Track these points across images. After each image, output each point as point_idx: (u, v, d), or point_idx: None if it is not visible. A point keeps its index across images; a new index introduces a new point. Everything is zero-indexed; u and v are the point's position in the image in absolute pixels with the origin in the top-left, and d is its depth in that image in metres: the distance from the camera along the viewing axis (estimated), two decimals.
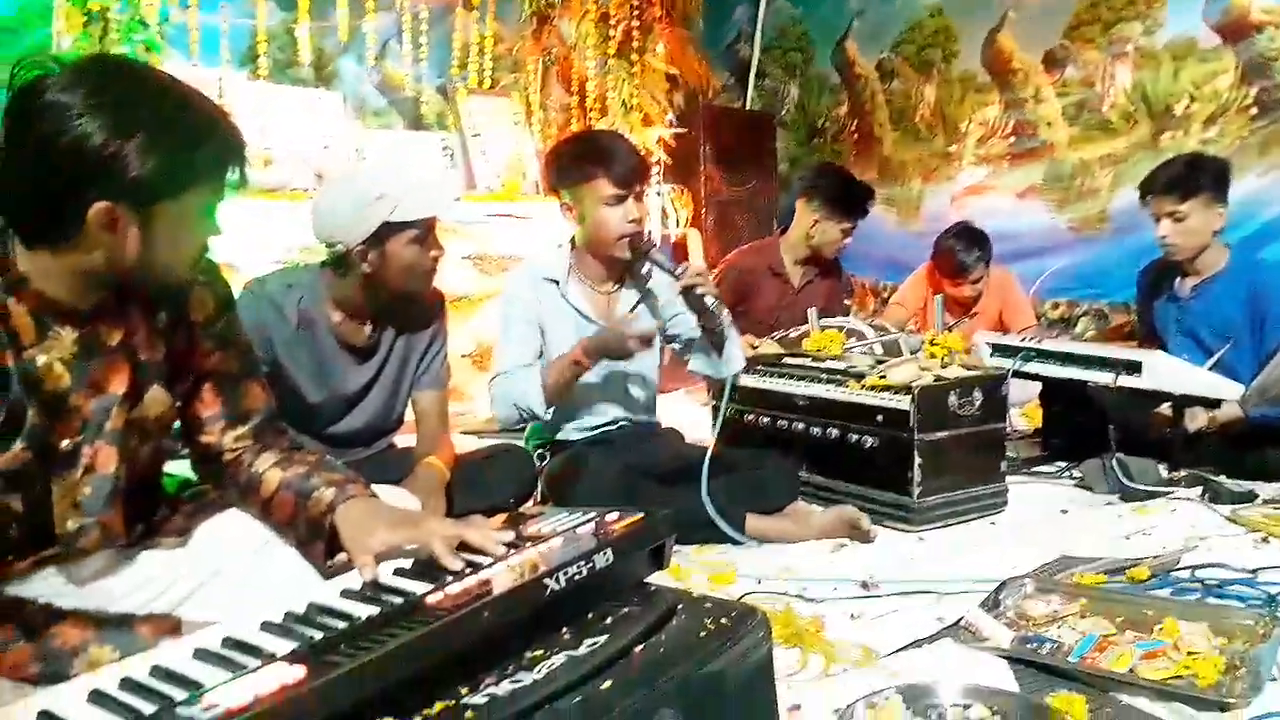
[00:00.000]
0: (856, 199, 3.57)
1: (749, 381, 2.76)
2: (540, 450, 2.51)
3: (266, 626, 1.03)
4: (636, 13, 4.51)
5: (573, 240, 2.51)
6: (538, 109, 4.77)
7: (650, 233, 2.48)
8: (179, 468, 1.64)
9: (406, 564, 1.24)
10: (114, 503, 1.38)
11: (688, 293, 2.35)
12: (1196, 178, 2.91)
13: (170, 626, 1.35)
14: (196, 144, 1.24)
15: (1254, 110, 4.29)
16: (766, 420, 2.73)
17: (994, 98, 5.30)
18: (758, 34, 6.41)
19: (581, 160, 2.39)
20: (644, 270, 2.53)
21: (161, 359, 1.43)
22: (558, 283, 2.46)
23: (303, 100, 4.04)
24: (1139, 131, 4.70)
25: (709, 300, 2.33)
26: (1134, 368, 2.68)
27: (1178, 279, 3.07)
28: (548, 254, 2.58)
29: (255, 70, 3.99)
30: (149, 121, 1.19)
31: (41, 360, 1.28)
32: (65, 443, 1.32)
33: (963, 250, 3.79)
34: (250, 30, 3.97)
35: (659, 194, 4.65)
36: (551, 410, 2.37)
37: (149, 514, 1.51)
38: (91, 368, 1.33)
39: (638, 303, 2.55)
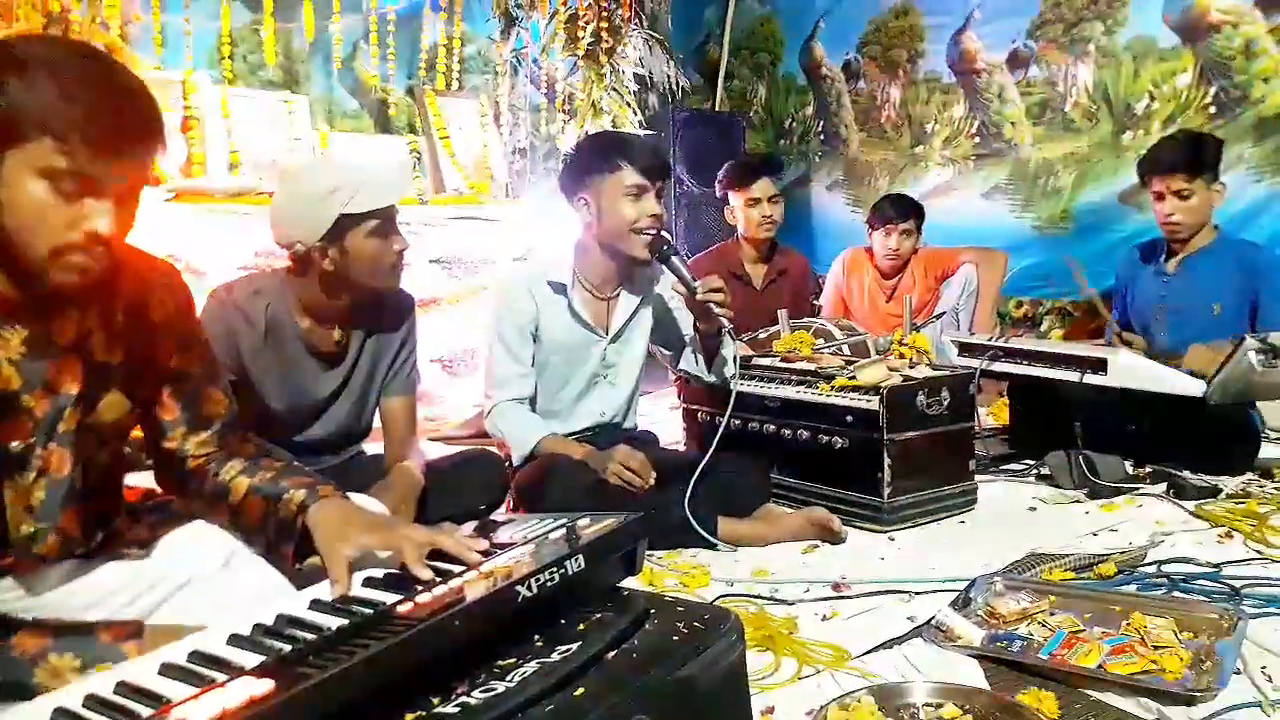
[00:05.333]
0: (750, 167, 3.62)
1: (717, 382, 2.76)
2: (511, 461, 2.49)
3: (234, 640, 1.02)
4: (605, 14, 4.51)
5: (575, 245, 2.50)
6: (506, 111, 4.75)
7: (670, 237, 2.46)
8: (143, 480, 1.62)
9: (378, 573, 1.24)
10: (70, 508, 1.36)
11: (701, 306, 2.35)
12: (1201, 155, 2.97)
13: (132, 631, 1.32)
14: (64, 90, 1.17)
15: (1213, 109, 4.37)
16: (737, 422, 2.73)
17: (959, 98, 5.35)
18: (726, 35, 6.43)
19: (607, 151, 2.40)
20: (658, 274, 2.52)
21: (119, 362, 1.40)
22: (561, 287, 2.45)
23: (270, 103, 4.00)
24: (1101, 130, 4.77)
25: (723, 316, 2.34)
26: (1100, 366, 2.71)
27: (1162, 258, 3.12)
28: (548, 256, 2.57)
29: (222, 73, 3.95)
30: (25, 64, 1.16)
31: None
32: (16, 444, 1.30)
33: (889, 203, 3.99)
34: (216, 32, 3.92)
35: None
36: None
37: (109, 522, 1.48)
38: (43, 368, 1.31)
39: (636, 310, 2.54)
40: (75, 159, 1.17)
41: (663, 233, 2.39)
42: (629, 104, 4.62)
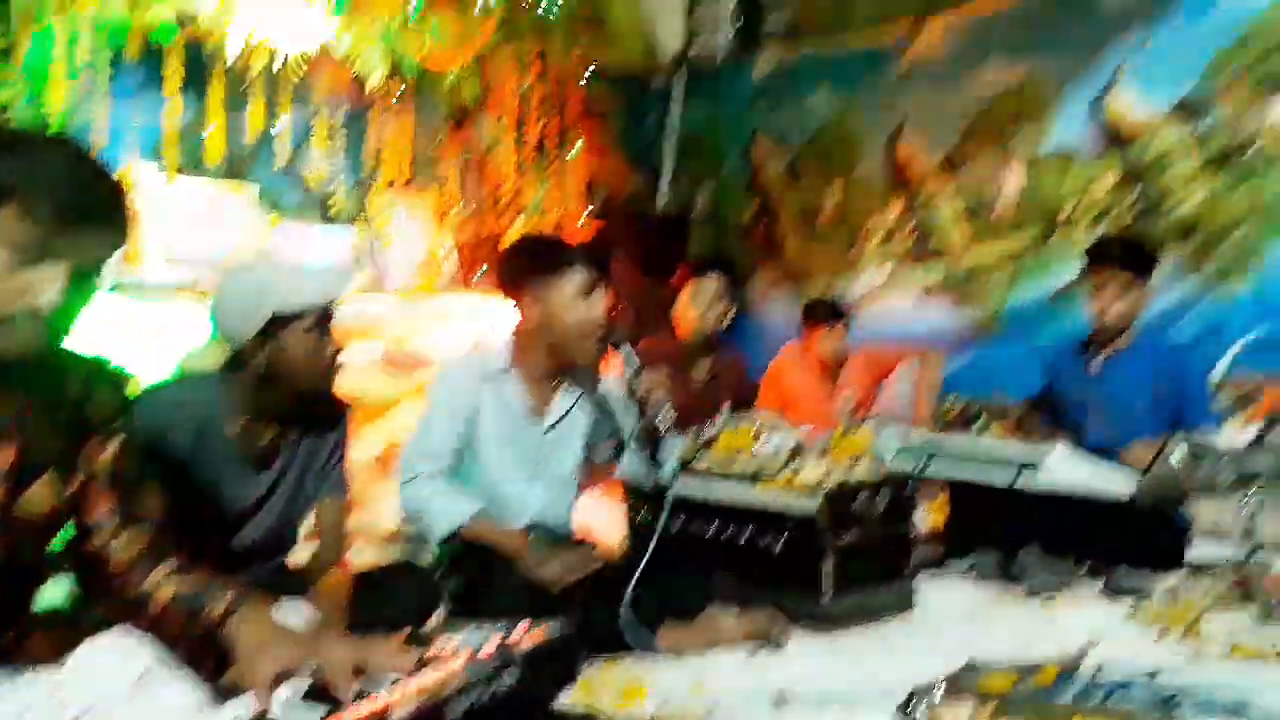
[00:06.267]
0: (698, 264, 3.77)
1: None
2: (447, 558, 2.44)
3: None
4: (553, 116, 4.61)
5: (515, 335, 2.48)
6: (454, 207, 4.80)
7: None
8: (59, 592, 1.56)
9: (301, 686, 1.20)
10: None
11: (642, 399, 2.36)
12: (1145, 257, 3.13)
13: None
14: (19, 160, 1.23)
15: (1135, 212, 4.56)
16: (678, 523, 2.71)
17: (894, 200, 5.53)
18: (671, 139, 6.60)
19: (554, 252, 2.41)
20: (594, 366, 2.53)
21: (55, 453, 1.39)
22: (498, 373, 2.43)
23: (213, 195, 4.00)
24: (1029, 234, 4.95)
25: (663, 410, 2.34)
26: (1032, 465, 2.76)
27: (1089, 355, 3.21)
28: (486, 346, 2.55)
29: (164, 164, 3.94)
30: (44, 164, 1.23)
31: None
32: None
33: (823, 304, 4.13)
34: (159, 127, 3.93)
35: None
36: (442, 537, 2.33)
37: (20, 625, 1.43)
38: None
39: (574, 404, 2.52)
40: (35, 231, 1.20)
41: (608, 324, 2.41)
42: (575, 202, 4.71)
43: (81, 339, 1.45)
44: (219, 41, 3.79)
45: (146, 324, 3.16)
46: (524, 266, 2.44)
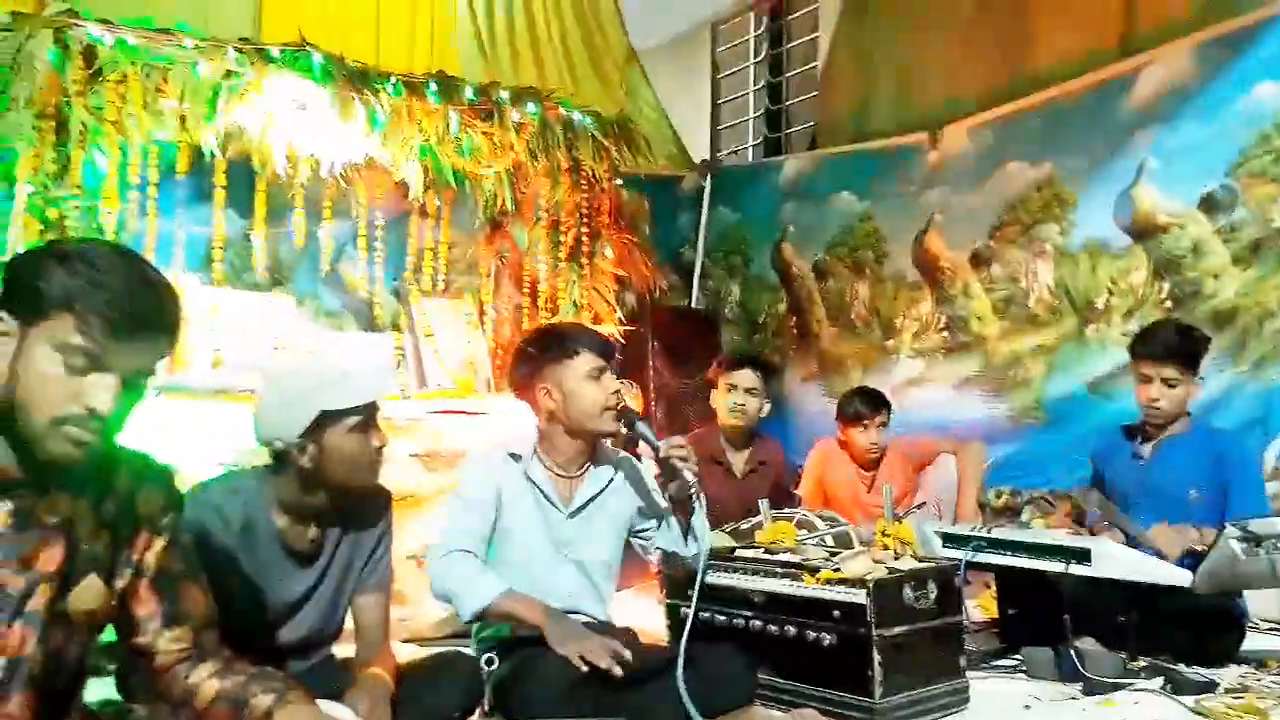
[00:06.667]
0: (734, 358, 3.85)
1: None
2: (487, 652, 2.40)
3: None
4: (586, 220, 4.72)
5: (537, 426, 2.55)
6: (490, 309, 4.89)
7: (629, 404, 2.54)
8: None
9: None
10: (24, 695, 1.30)
11: (665, 463, 2.39)
12: (1194, 348, 3.09)
13: None
14: (95, 280, 1.30)
15: (1169, 303, 4.54)
16: (722, 617, 2.66)
17: (925, 294, 5.56)
18: (701, 239, 6.73)
19: (562, 341, 2.52)
20: (622, 447, 2.57)
21: (103, 550, 1.40)
22: (519, 458, 2.49)
23: (255, 303, 4.10)
24: (1065, 324, 4.93)
25: (688, 473, 2.36)
26: (1083, 556, 2.70)
27: (1138, 440, 3.16)
28: (513, 437, 2.60)
29: (210, 275, 4.07)
30: (65, 255, 1.31)
31: None
32: None
33: (860, 399, 4.04)
34: (207, 238, 4.07)
35: None
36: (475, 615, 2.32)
37: None
38: (22, 542, 1.31)
39: (602, 489, 2.54)
40: (89, 337, 1.26)
41: (623, 402, 2.48)
42: (608, 301, 4.77)
43: (129, 439, 1.48)
44: (264, 156, 3.94)
45: (192, 426, 3.21)
46: (535, 356, 2.54)
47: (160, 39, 3.60)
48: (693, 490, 2.40)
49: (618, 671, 2.08)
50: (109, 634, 1.51)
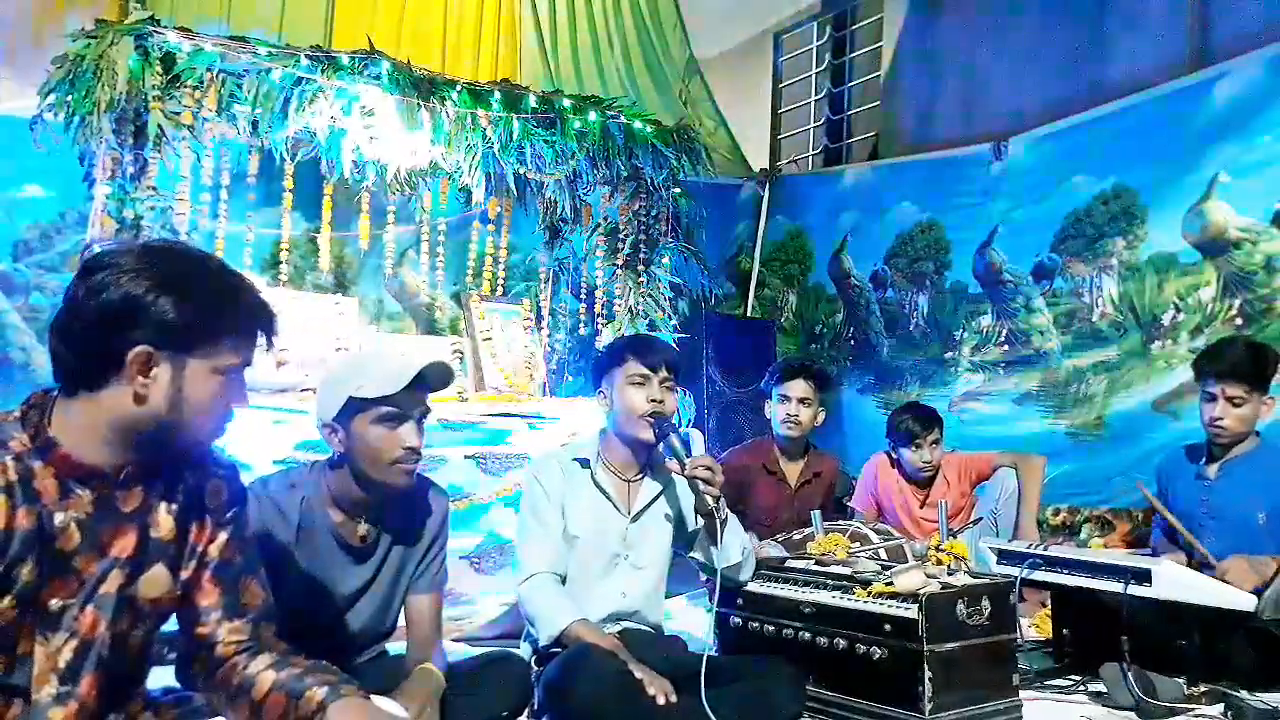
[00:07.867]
0: (790, 367, 3.79)
1: (753, 586, 2.71)
2: (537, 654, 2.43)
3: None
4: (644, 228, 4.75)
5: (603, 429, 2.64)
6: (547, 315, 4.94)
7: (671, 418, 2.57)
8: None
9: None
10: (92, 674, 1.37)
11: (690, 481, 2.43)
12: (1263, 366, 3.01)
13: None
14: (223, 303, 1.41)
15: (1238, 320, 4.42)
16: (771, 628, 2.66)
17: (986, 307, 5.48)
18: (758, 248, 6.72)
19: (619, 347, 2.64)
20: (661, 455, 2.59)
21: (170, 539, 1.46)
22: (586, 463, 2.58)
23: (320, 305, 4.19)
24: (1130, 340, 4.82)
25: (708, 496, 2.38)
26: (1143, 576, 2.64)
27: (1203, 461, 3.09)
28: (575, 442, 2.70)
29: (276, 276, 4.17)
30: (185, 281, 1.37)
31: (59, 519, 1.33)
32: (55, 603, 1.34)
33: (912, 417, 3.92)
34: (274, 239, 4.17)
35: None
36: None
37: (125, 707, 1.47)
38: (102, 531, 1.36)
39: (657, 496, 2.60)
40: (239, 354, 1.42)
41: (666, 416, 2.51)
42: (664, 309, 4.78)
43: None
44: (331, 162, 4.03)
45: (253, 423, 3.29)
46: (601, 362, 2.66)
47: (235, 46, 3.71)
48: (713, 509, 2.40)
49: (661, 702, 2.12)
50: (170, 623, 1.57)
